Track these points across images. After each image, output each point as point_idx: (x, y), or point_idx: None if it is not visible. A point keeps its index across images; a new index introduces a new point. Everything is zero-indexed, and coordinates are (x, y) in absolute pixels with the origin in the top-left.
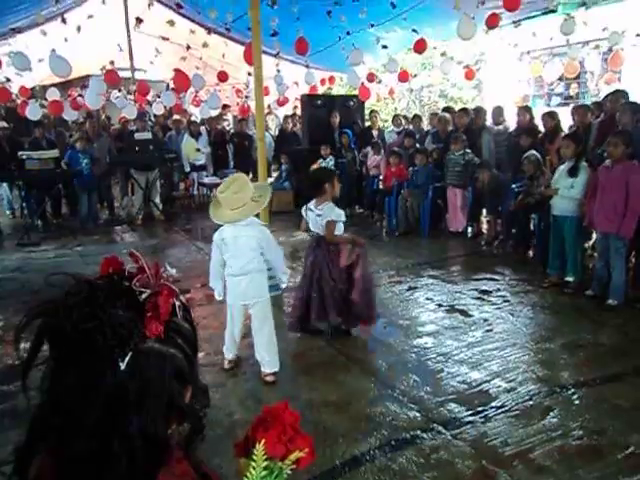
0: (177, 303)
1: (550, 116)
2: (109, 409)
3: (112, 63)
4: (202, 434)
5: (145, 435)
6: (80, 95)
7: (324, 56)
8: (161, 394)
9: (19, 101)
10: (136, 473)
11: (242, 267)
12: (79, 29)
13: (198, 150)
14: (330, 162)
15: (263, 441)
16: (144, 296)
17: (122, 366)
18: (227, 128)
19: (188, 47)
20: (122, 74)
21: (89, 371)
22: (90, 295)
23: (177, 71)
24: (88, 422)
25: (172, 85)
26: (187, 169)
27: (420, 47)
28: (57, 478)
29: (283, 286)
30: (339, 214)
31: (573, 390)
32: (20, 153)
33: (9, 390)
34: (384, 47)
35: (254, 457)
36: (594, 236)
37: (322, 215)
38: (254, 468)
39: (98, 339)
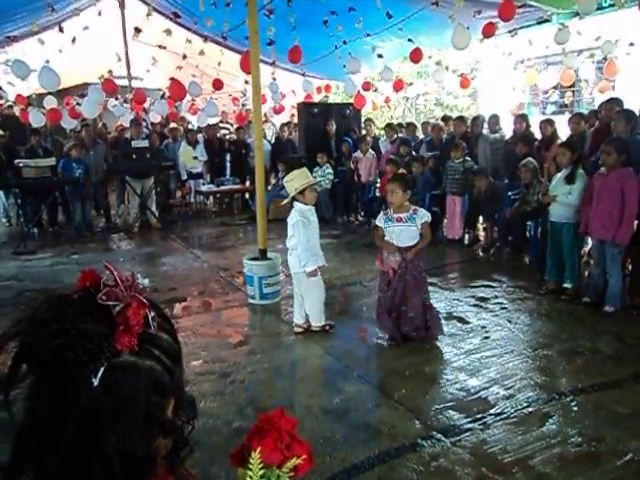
0: (151, 314)
1: (548, 124)
2: (84, 427)
3: (110, 72)
4: (189, 447)
5: (123, 452)
6: (78, 104)
7: (320, 65)
8: (137, 409)
9: (18, 109)
10: None
11: (287, 243)
12: (74, 40)
13: (195, 158)
14: (326, 170)
15: (259, 449)
16: (117, 309)
17: (95, 382)
18: (226, 137)
19: (184, 56)
20: (119, 82)
21: (62, 388)
22: (59, 311)
23: (173, 80)
24: (62, 441)
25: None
26: (184, 177)
27: (416, 57)
28: None
29: (307, 269)
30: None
31: (571, 397)
32: (17, 161)
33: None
34: (380, 56)
35: (250, 466)
36: (589, 243)
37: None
38: (251, 477)
39: (68, 355)
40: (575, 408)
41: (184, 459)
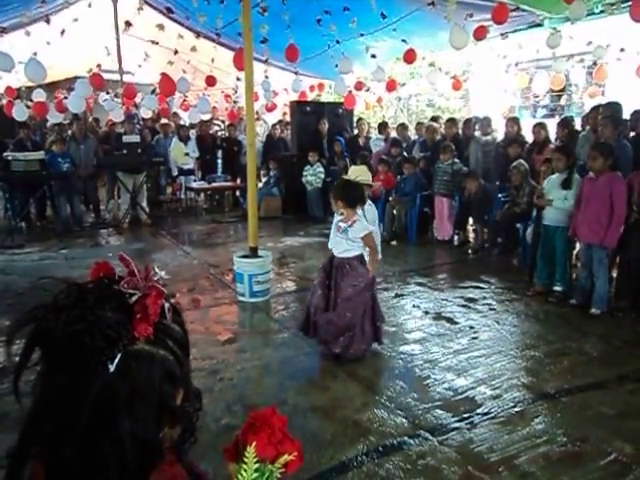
0: (167, 305)
1: (541, 127)
2: (99, 412)
3: (99, 66)
4: (194, 437)
5: (136, 438)
6: (66, 97)
7: (313, 64)
8: (151, 395)
9: (4, 101)
10: (127, 477)
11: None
12: (63, 33)
13: (187, 154)
14: (317, 169)
15: (254, 443)
16: (134, 298)
17: (111, 368)
18: (218, 134)
19: (176, 52)
20: (110, 77)
21: (78, 373)
22: (79, 298)
23: (163, 75)
24: (78, 425)
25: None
26: (175, 173)
27: (410, 58)
28: None
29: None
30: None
31: (557, 397)
32: (5, 154)
33: None
34: (373, 56)
35: (245, 459)
36: (577, 246)
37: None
38: (245, 470)
39: (87, 341)
40: (561, 408)
41: (189, 449)
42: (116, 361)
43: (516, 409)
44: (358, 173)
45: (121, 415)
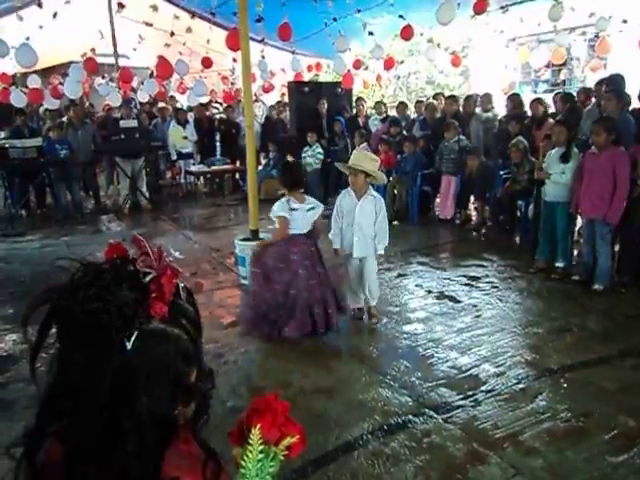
0: (181, 285)
1: (539, 103)
2: (117, 388)
3: (93, 50)
4: (207, 415)
5: (153, 413)
6: (61, 83)
7: (310, 42)
8: (167, 372)
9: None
10: (144, 452)
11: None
12: (55, 15)
13: (185, 138)
14: (316, 150)
15: (259, 425)
16: (148, 278)
17: (128, 345)
18: (217, 116)
19: (172, 33)
20: (105, 60)
21: (96, 351)
22: (96, 277)
23: (160, 58)
24: (97, 401)
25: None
26: (174, 157)
27: (407, 34)
28: (65, 462)
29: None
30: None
31: (561, 374)
32: (3, 141)
33: None
34: (370, 34)
35: (250, 441)
36: (579, 222)
37: (315, 207)
38: (251, 452)
39: (104, 319)
40: (564, 385)
41: (202, 427)
42: (133, 339)
43: (520, 386)
44: (362, 161)
45: (138, 391)
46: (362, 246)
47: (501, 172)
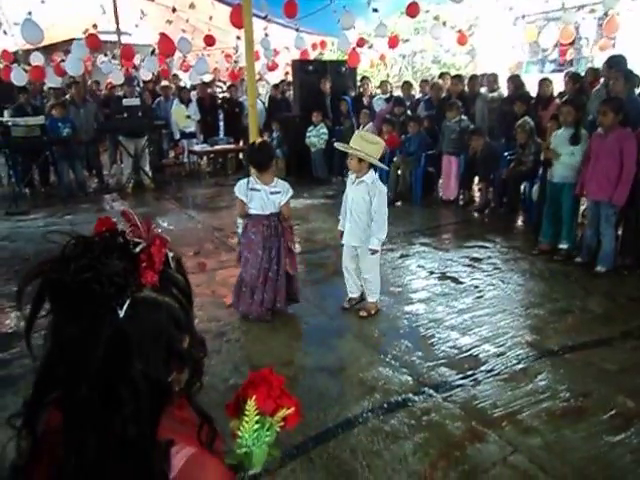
0: (170, 254)
1: (545, 82)
2: (112, 354)
3: (95, 26)
4: (200, 382)
5: (148, 378)
6: (63, 60)
7: (315, 19)
8: (160, 338)
9: (1, 65)
10: (141, 417)
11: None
12: None
13: (188, 117)
14: (321, 129)
15: (254, 396)
16: (138, 248)
17: (121, 314)
18: (220, 95)
19: (174, 9)
20: (107, 37)
21: (89, 320)
22: (86, 248)
23: (162, 35)
24: (92, 367)
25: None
26: (177, 136)
27: (413, 11)
28: (64, 429)
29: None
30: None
31: (561, 354)
32: (5, 119)
33: (4, 357)
34: (375, 10)
35: (246, 412)
36: (583, 204)
37: (281, 192)
38: (247, 422)
39: (96, 288)
40: (564, 365)
41: (196, 393)
42: (125, 307)
43: (520, 366)
44: (359, 144)
45: (133, 356)
46: (352, 234)
47: (505, 153)
